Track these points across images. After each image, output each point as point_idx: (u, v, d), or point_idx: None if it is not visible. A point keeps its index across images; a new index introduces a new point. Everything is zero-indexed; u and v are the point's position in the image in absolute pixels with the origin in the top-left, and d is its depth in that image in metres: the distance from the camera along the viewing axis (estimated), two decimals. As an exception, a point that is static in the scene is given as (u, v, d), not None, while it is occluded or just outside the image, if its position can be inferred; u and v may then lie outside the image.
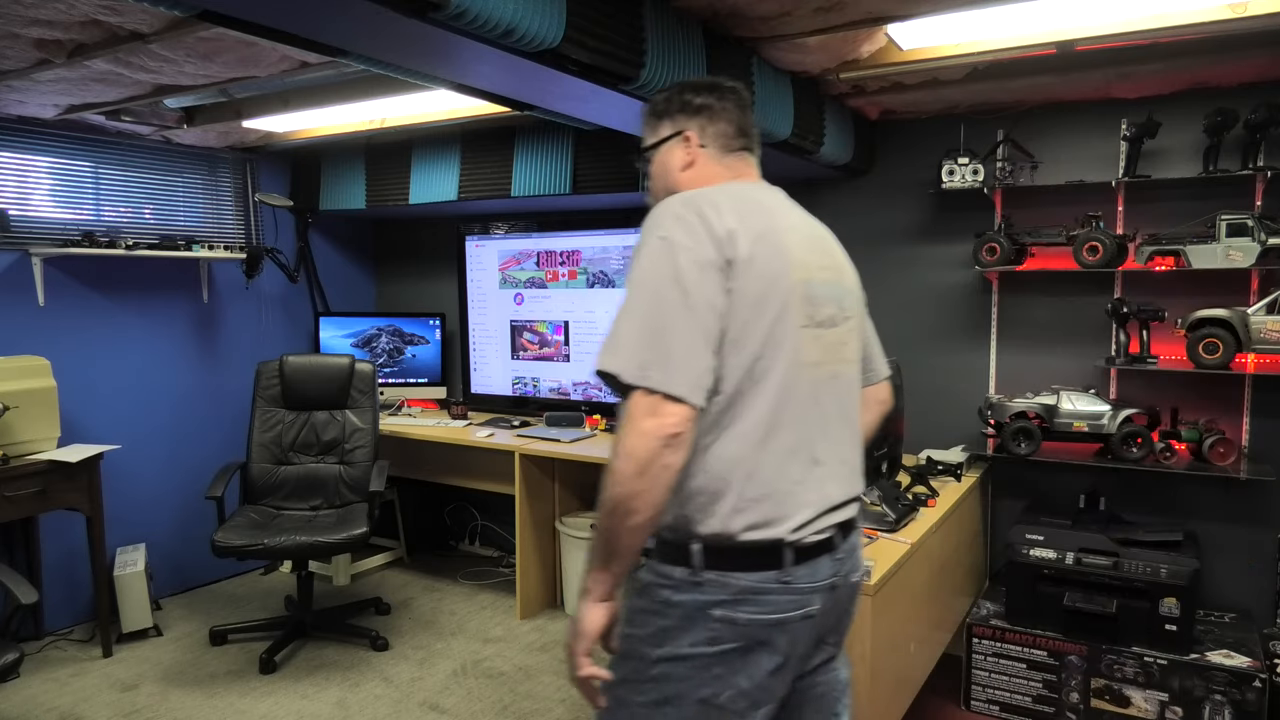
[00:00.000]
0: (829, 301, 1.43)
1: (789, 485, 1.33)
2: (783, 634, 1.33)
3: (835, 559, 1.39)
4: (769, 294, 1.31)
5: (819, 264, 1.44)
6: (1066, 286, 3.18)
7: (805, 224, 1.49)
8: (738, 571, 1.31)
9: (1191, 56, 2.52)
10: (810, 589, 1.35)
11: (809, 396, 1.37)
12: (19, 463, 3.18)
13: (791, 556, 1.32)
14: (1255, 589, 2.97)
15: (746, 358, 1.30)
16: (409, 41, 1.80)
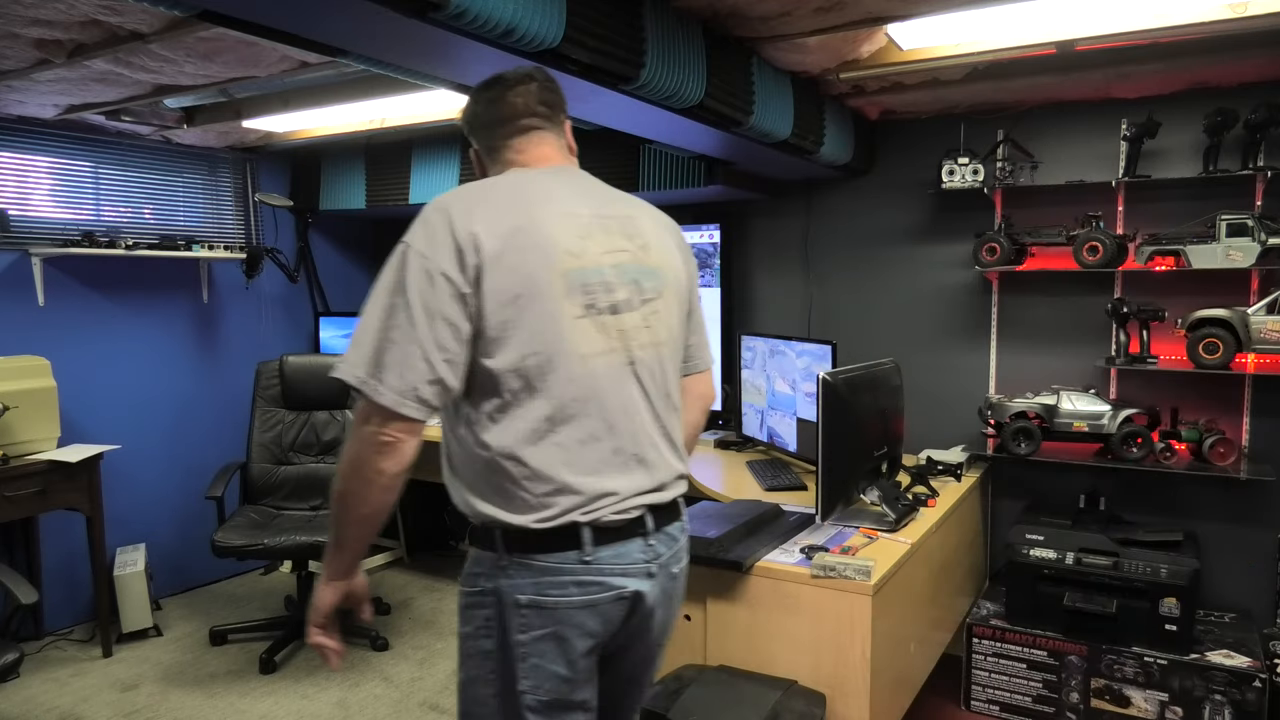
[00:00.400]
0: (621, 285, 1.41)
1: (584, 472, 1.35)
2: (594, 616, 1.36)
3: (648, 543, 1.42)
4: (527, 289, 1.30)
5: (605, 248, 1.41)
6: (1066, 286, 3.18)
7: (596, 207, 1.45)
8: (538, 554, 1.35)
9: (1191, 56, 2.52)
10: (620, 570, 1.37)
11: (599, 385, 1.36)
12: (19, 463, 3.18)
13: (590, 537, 1.35)
14: (1255, 589, 2.97)
15: (514, 355, 1.31)
16: (409, 41, 1.80)
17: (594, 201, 1.46)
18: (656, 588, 1.43)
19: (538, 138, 1.54)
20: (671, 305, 1.50)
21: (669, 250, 1.52)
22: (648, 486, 1.42)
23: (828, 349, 2.98)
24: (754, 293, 3.89)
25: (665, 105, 2.27)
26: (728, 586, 2.20)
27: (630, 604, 1.40)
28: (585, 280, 1.36)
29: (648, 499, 1.42)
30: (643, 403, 1.43)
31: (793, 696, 2.02)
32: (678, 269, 1.53)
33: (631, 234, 1.47)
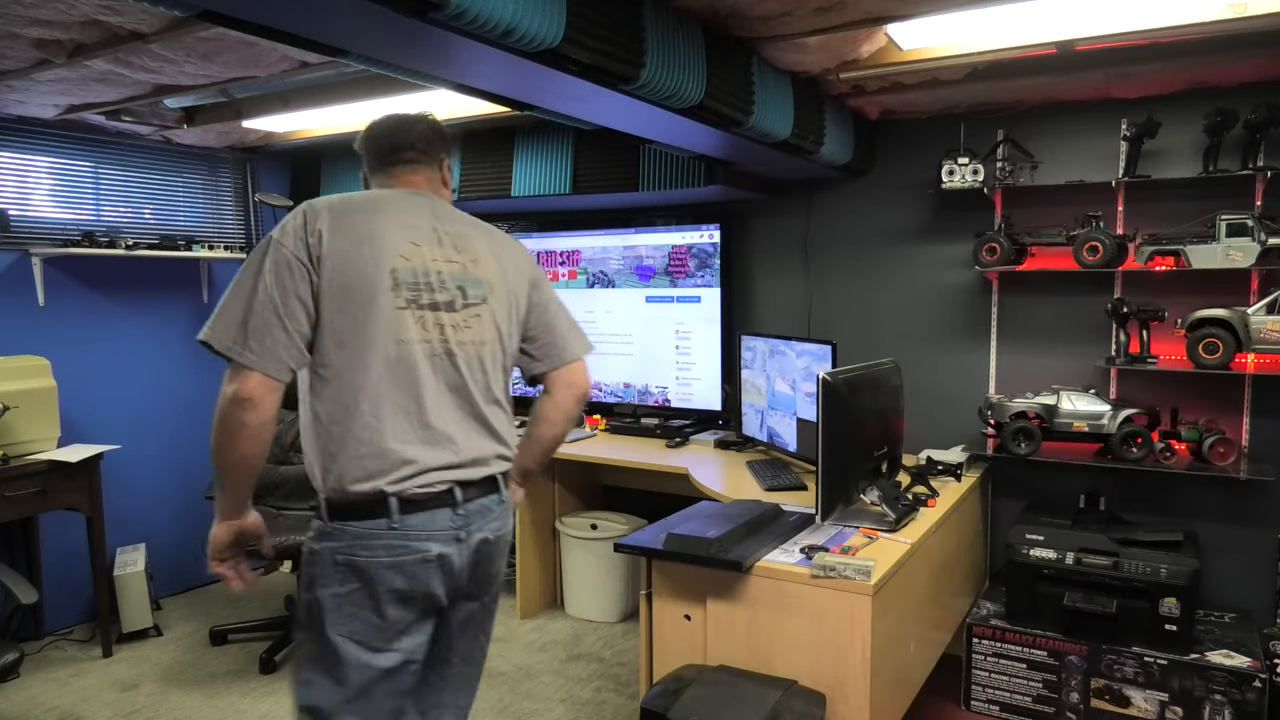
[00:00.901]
0: (446, 289, 1.65)
1: (393, 446, 1.56)
2: (399, 574, 1.57)
3: (457, 513, 1.63)
4: (357, 282, 1.55)
5: (435, 256, 1.65)
6: (1066, 286, 3.18)
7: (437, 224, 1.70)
8: (353, 520, 1.56)
9: (1191, 56, 2.52)
10: (426, 536, 1.59)
11: (415, 369, 1.59)
12: (19, 463, 3.18)
13: (398, 506, 1.56)
14: (1255, 589, 2.97)
15: (342, 335, 1.55)
16: (409, 41, 1.80)
17: (436, 220, 1.71)
18: (466, 551, 1.65)
19: (410, 170, 1.78)
20: (497, 311, 1.74)
21: (499, 266, 1.76)
22: (455, 463, 1.62)
23: (828, 349, 2.98)
24: (754, 293, 3.89)
25: (665, 105, 2.27)
26: (728, 586, 2.20)
27: (438, 565, 1.61)
28: (411, 279, 1.61)
29: (455, 475, 1.62)
30: (455, 390, 1.65)
31: (793, 696, 2.03)
32: (508, 282, 1.77)
33: (463, 249, 1.71)
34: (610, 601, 3.79)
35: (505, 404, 1.78)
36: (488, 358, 1.71)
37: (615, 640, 3.60)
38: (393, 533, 1.56)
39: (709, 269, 3.81)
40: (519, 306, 1.80)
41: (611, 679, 3.25)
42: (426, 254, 1.64)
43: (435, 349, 1.62)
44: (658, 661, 2.34)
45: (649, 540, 2.30)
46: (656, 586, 2.33)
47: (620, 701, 3.07)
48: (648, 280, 3.98)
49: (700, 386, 3.90)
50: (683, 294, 3.89)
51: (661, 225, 3.91)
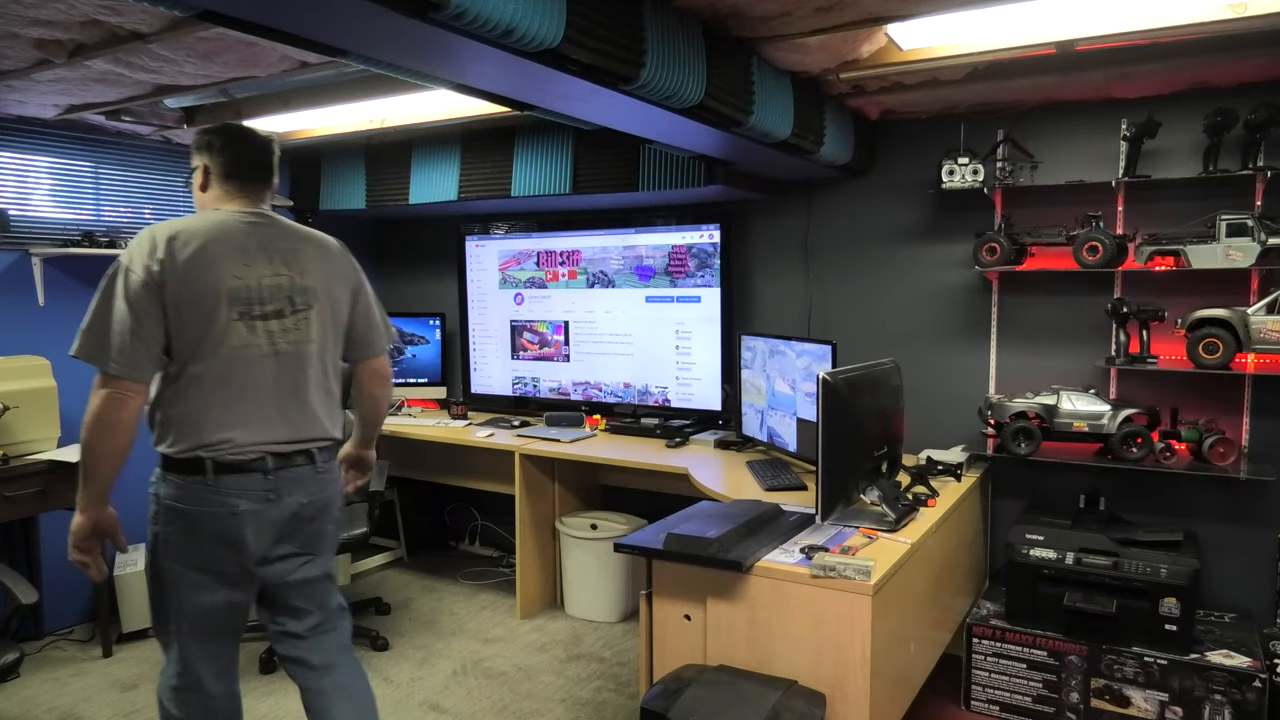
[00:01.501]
0: (275, 299, 1.97)
1: (216, 423, 1.91)
2: (214, 521, 1.91)
3: (268, 478, 1.96)
4: (198, 297, 1.87)
5: (265, 273, 1.96)
6: (1066, 286, 3.19)
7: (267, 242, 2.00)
8: (176, 475, 1.92)
9: (1191, 56, 2.52)
10: (237, 494, 1.92)
11: (246, 368, 1.93)
12: (19, 463, 3.18)
13: (212, 467, 1.90)
14: (1255, 589, 2.97)
15: (188, 342, 1.88)
16: (409, 41, 1.80)
17: (266, 238, 2.00)
18: (278, 510, 1.97)
19: (257, 189, 2.09)
20: (324, 314, 2.05)
21: (325, 276, 2.07)
22: (270, 439, 1.96)
23: (828, 349, 2.99)
24: (754, 293, 3.89)
25: (665, 105, 2.27)
26: (728, 586, 2.20)
27: (248, 518, 1.93)
28: (244, 295, 1.93)
29: (269, 448, 1.96)
30: (281, 382, 1.98)
31: (793, 696, 2.03)
32: (332, 289, 2.08)
33: (292, 264, 2.01)
34: (610, 601, 3.79)
35: (332, 392, 2.10)
36: (313, 354, 2.03)
37: (615, 640, 3.61)
38: (208, 488, 1.91)
39: (709, 269, 3.81)
40: (341, 310, 2.11)
41: (611, 679, 3.25)
42: (257, 272, 1.95)
43: (264, 351, 1.95)
44: (658, 661, 2.34)
45: (649, 540, 2.30)
46: (656, 586, 2.33)
47: (620, 701, 3.07)
48: (648, 280, 3.98)
49: (700, 386, 3.90)
50: (683, 294, 3.89)
51: (661, 225, 3.92)
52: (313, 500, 2.05)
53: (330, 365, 2.09)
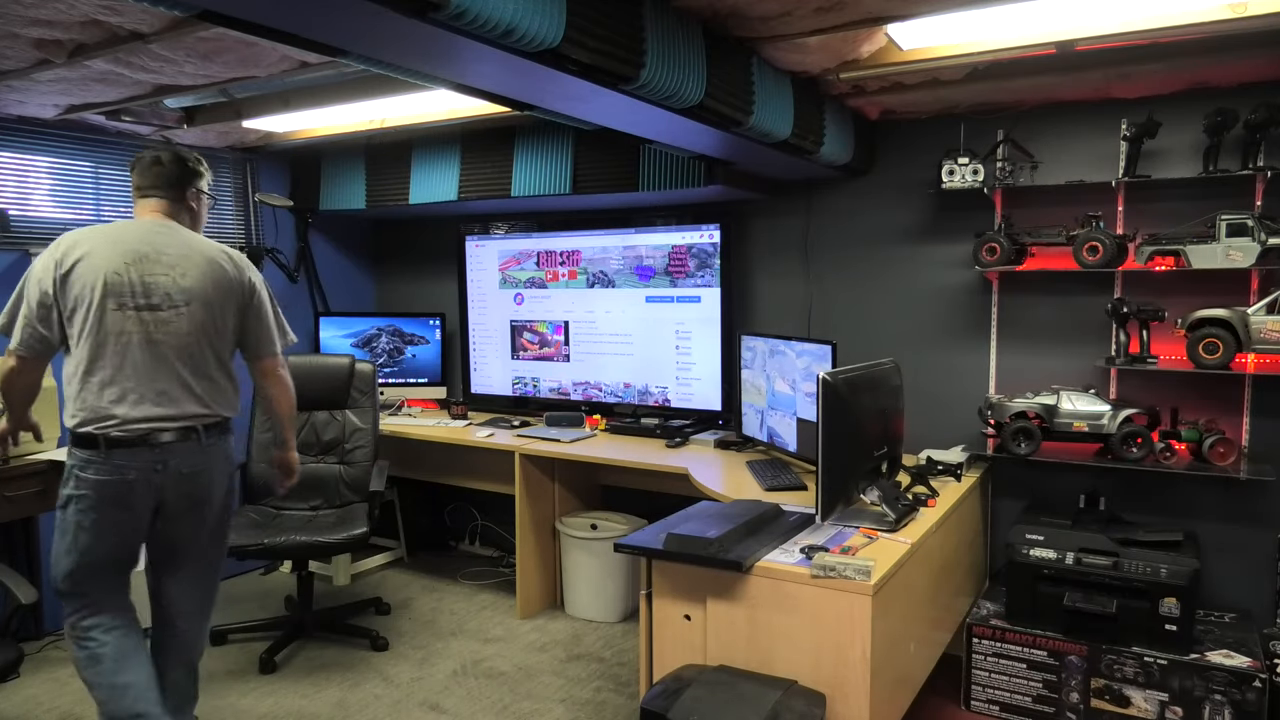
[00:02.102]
0: (155, 294, 2.31)
1: (104, 405, 2.26)
2: (108, 487, 2.27)
3: (154, 451, 2.29)
4: (84, 291, 2.26)
5: (145, 272, 2.30)
6: (1066, 286, 3.19)
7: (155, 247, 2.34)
8: (79, 449, 2.27)
9: (1191, 56, 2.52)
10: (125, 466, 2.26)
11: (126, 353, 2.27)
12: (19, 463, 3.18)
13: (104, 443, 2.25)
14: (1255, 589, 2.97)
15: (76, 328, 2.27)
16: (409, 41, 1.80)
17: (159, 244, 2.35)
18: (166, 478, 2.32)
19: (153, 202, 2.44)
20: (197, 312, 2.36)
21: (205, 282, 2.38)
22: (154, 415, 2.29)
23: (828, 349, 2.99)
24: (754, 293, 3.89)
25: (665, 105, 2.27)
26: (728, 586, 2.20)
27: (139, 485, 2.28)
28: (121, 289, 2.28)
29: (154, 425, 2.29)
30: (160, 366, 2.30)
31: (793, 696, 2.03)
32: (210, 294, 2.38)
33: (175, 266, 2.34)
34: (610, 601, 3.79)
35: (215, 378, 2.41)
36: (191, 345, 2.35)
37: (615, 640, 3.61)
38: (102, 459, 2.25)
39: (709, 269, 3.81)
40: (222, 312, 2.41)
41: (611, 679, 3.25)
42: (139, 269, 2.30)
43: (142, 339, 2.29)
44: (658, 661, 2.34)
45: (649, 540, 2.30)
46: (656, 586, 2.33)
47: (620, 701, 3.07)
48: (648, 280, 3.98)
49: (700, 386, 3.90)
50: (683, 294, 3.89)
51: (661, 225, 3.92)
52: (194, 470, 2.37)
53: (213, 356, 2.41)
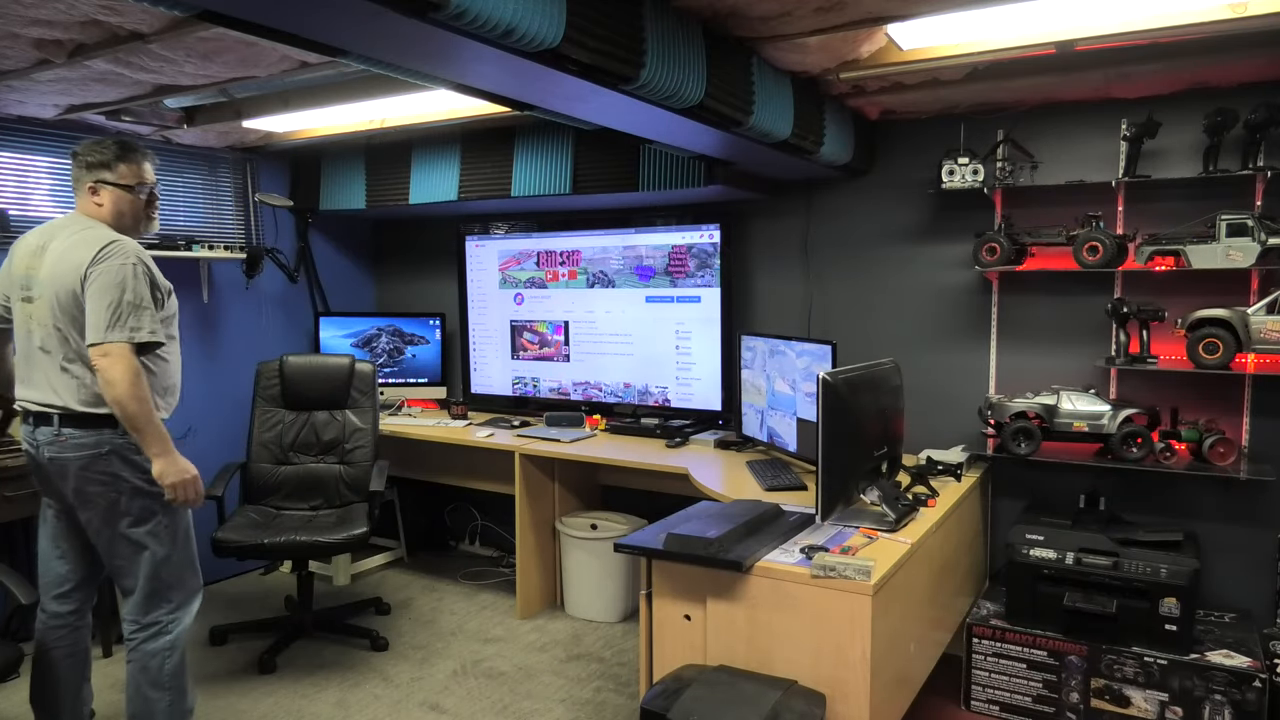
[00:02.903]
0: (32, 286, 2.38)
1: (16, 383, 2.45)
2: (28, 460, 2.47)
3: (32, 433, 2.40)
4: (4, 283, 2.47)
5: (29, 265, 2.38)
6: (1066, 286, 3.19)
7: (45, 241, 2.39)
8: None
9: (1191, 56, 2.52)
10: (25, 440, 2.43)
11: (24, 339, 2.41)
12: (19, 463, 3.17)
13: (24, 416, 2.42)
14: (1255, 589, 2.97)
15: (6, 316, 2.48)
16: (409, 41, 1.80)
17: (50, 236, 2.39)
18: (41, 461, 2.39)
19: (79, 199, 2.47)
20: (51, 303, 2.33)
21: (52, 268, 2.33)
22: (30, 399, 2.40)
23: (828, 349, 2.99)
24: (754, 293, 3.89)
25: (665, 105, 2.27)
26: (728, 586, 2.20)
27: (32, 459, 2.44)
28: (19, 282, 2.41)
29: (29, 407, 2.40)
30: (35, 353, 2.38)
31: (793, 696, 2.03)
32: (56, 280, 2.32)
33: (43, 258, 2.37)
34: (610, 601, 3.79)
35: (68, 370, 2.34)
36: (52, 334, 2.34)
37: (615, 640, 3.61)
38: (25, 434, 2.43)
39: (709, 269, 3.81)
40: (68, 300, 2.31)
41: (611, 679, 3.25)
42: (30, 263, 2.38)
43: (25, 328, 2.39)
44: (658, 661, 2.34)
45: (649, 540, 2.30)
46: (656, 586, 2.33)
47: (620, 701, 3.07)
48: (648, 280, 3.98)
49: (700, 386, 3.90)
50: (683, 294, 3.89)
51: (661, 225, 3.92)
52: (54, 459, 2.36)
53: (70, 347, 2.33)
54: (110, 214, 2.42)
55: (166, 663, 2.45)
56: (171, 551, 2.45)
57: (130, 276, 2.29)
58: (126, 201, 2.45)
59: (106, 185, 2.42)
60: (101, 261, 2.28)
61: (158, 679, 2.45)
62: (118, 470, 2.36)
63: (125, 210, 2.45)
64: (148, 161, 2.53)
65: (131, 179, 2.46)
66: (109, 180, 2.42)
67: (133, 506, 2.39)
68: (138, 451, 2.35)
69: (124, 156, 2.45)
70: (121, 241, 2.34)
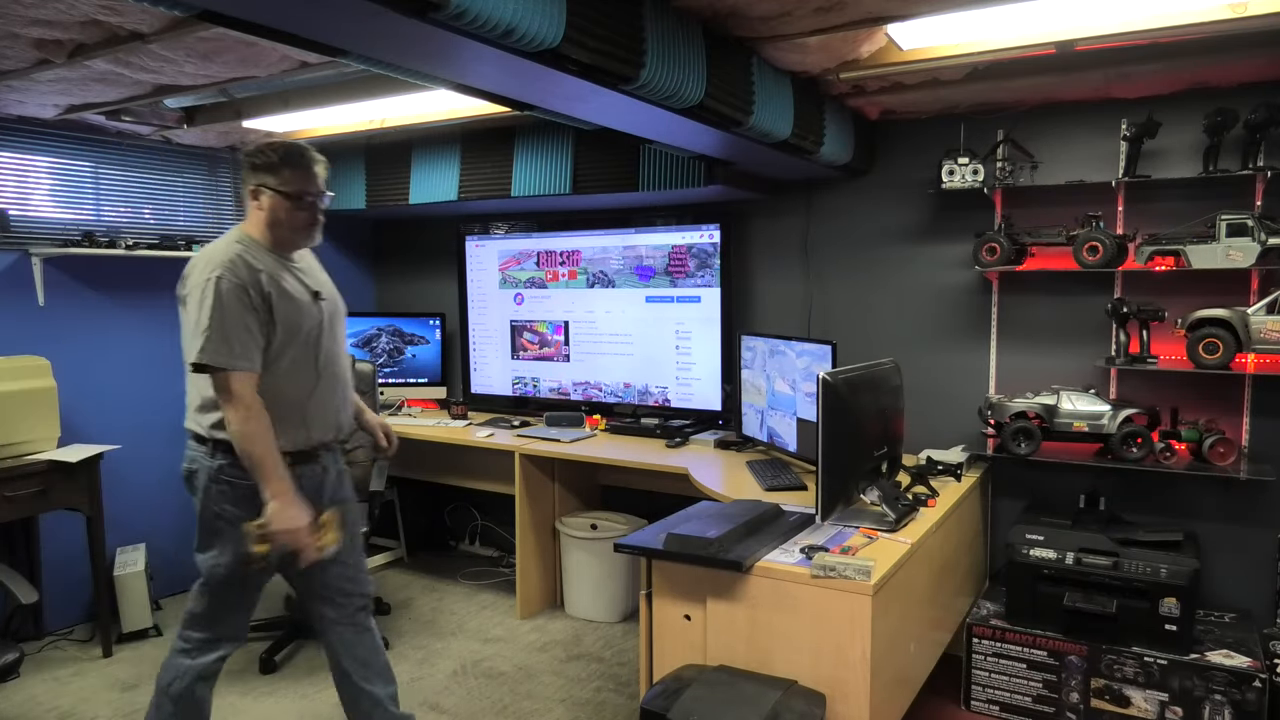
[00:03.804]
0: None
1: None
2: None
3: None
4: None
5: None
6: (1066, 286, 3.19)
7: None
8: None
9: (1191, 56, 2.52)
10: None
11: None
12: (19, 463, 3.18)
13: None
14: (1255, 589, 2.97)
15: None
16: (409, 41, 1.80)
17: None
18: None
19: None
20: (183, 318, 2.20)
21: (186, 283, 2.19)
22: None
23: (828, 349, 2.99)
24: (754, 293, 3.89)
25: (665, 105, 2.27)
26: (728, 586, 2.20)
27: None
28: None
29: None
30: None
31: (793, 696, 2.03)
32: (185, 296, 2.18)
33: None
34: (610, 601, 3.79)
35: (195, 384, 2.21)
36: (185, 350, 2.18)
37: (615, 640, 3.61)
38: None
39: (709, 269, 3.81)
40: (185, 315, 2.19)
41: (611, 679, 3.25)
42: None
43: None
44: (658, 661, 2.34)
45: (649, 540, 2.30)
46: (656, 586, 2.33)
47: (620, 701, 3.07)
48: (648, 280, 3.98)
49: (700, 386, 3.90)
50: (683, 294, 3.89)
51: (661, 225, 3.92)
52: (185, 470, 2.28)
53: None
54: (266, 221, 2.25)
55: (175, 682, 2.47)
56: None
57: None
58: (285, 209, 2.24)
59: (267, 190, 2.22)
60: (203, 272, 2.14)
61: (162, 688, 2.46)
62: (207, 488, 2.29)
63: (282, 219, 2.25)
64: (318, 168, 2.29)
65: (295, 186, 2.24)
66: (270, 185, 2.22)
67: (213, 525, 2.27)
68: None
69: (290, 161, 2.23)
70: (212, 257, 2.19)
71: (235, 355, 2.09)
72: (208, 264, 2.14)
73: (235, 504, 2.20)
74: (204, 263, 2.16)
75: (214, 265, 2.12)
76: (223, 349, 2.08)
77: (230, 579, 2.28)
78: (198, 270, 2.16)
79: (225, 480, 2.20)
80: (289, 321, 2.21)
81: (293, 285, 2.28)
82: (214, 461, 2.20)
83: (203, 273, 2.13)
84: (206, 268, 2.13)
